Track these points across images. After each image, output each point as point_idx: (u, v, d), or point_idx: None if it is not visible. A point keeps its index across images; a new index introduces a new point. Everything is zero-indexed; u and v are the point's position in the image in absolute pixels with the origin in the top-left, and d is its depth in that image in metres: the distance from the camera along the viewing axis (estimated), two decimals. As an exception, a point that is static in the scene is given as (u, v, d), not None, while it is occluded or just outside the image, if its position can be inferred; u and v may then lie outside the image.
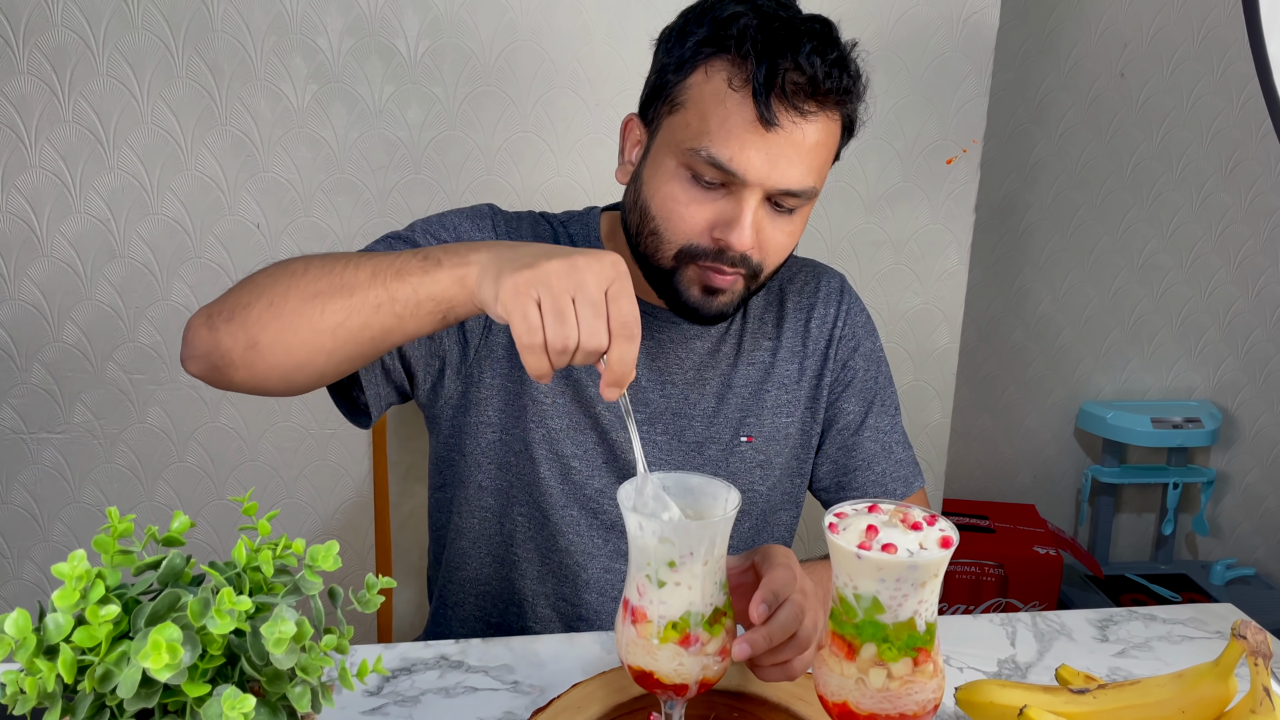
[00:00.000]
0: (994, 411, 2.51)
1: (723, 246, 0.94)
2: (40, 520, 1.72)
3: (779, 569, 0.82)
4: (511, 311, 0.75)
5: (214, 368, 0.89)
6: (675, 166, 0.94)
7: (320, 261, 0.86)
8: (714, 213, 0.94)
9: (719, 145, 0.91)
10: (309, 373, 0.87)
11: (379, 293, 0.82)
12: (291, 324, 0.84)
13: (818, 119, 0.92)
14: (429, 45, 1.60)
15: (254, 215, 1.64)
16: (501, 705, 0.90)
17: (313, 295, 0.84)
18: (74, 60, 1.53)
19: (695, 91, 0.93)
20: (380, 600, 0.70)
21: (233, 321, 0.86)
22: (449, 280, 0.80)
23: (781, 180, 0.92)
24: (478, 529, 1.12)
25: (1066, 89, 2.30)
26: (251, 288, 0.88)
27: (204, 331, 0.88)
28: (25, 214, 1.58)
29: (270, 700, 0.64)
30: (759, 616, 0.78)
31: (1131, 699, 0.84)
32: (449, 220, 1.06)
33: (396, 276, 0.82)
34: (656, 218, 0.96)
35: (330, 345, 0.85)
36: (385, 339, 0.85)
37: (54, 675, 0.59)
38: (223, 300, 0.89)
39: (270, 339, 0.85)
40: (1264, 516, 2.60)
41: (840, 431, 1.14)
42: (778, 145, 0.91)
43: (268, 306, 0.85)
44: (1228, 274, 2.45)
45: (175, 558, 0.66)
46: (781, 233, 0.97)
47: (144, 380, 1.68)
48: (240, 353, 0.86)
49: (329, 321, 0.83)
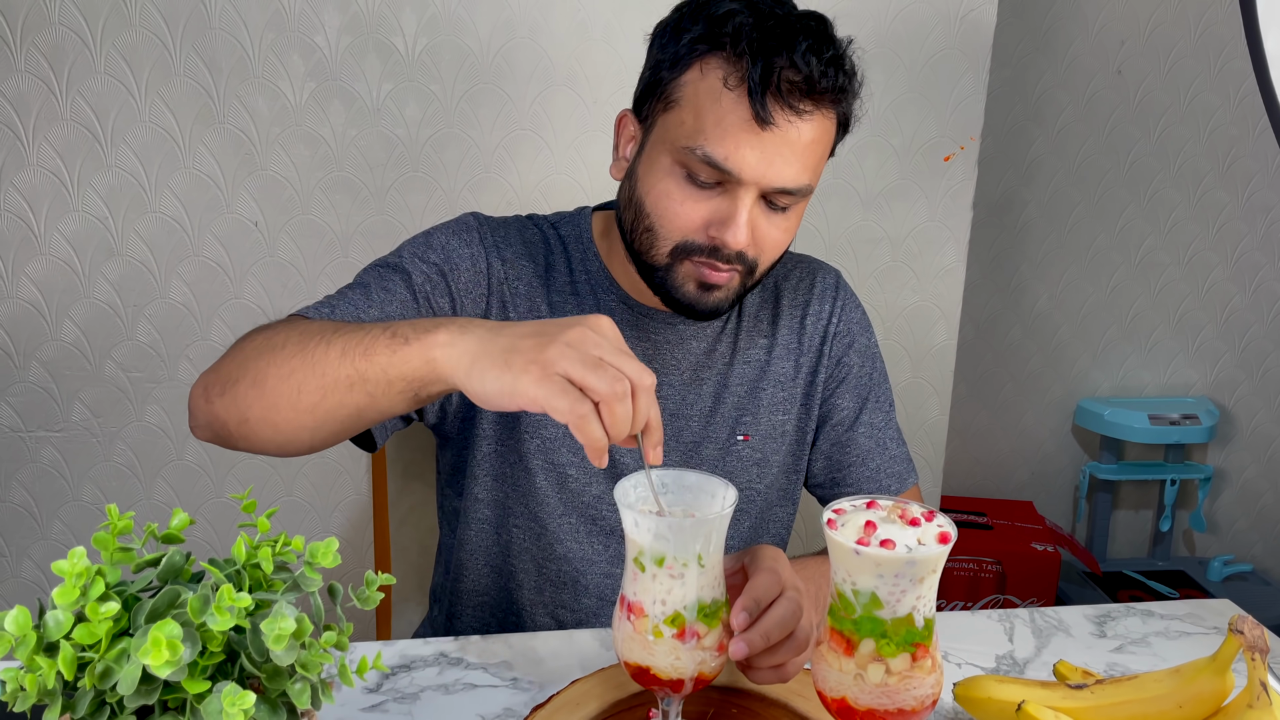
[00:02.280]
0: (991, 408, 2.51)
1: (718, 244, 0.94)
2: (39, 519, 1.72)
3: (763, 574, 0.81)
4: (546, 398, 0.71)
5: (217, 436, 0.90)
6: (670, 164, 0.94)
7: (298, 337, 0.85)
8: (709, 211, 0.94)
9: (714, 144, 0.91)
10: (300, 446, 0.88)
11: (349, 371, 0.81)
12: (273, 403, 0.84)
13: (813, 117, 0.92)
14: (427, 43, 1.60)
15: (252, 213, 1.63)
16: (501, 702, 0.90)
17: (288, 374, 0.83)
18: (71, 58, 1.53)
19: (690, 89, 0.93)
20: (380, 597, 0.70)
21: (224, 396, 0.87)
22: (418, 361, 0.78)
23: (777, 179, 0.92)
24: (475, 540, 1.12)
25: (1064, 86, 2.30)
26: (240, 360, 0.88)
27: (202, 403, 0.89)
28: (23, 212, 1.58)
29: (270, 697, 0.65)
30: (740, 625, 0.78)
31: (1129, 694, 0.84)
32: (435, 240, 1.05)
33: (364, 356, 0.80)
34: (651, 215, 0.96)
35: (311, 424, 0.84)
36: (361, 417, 0.84)
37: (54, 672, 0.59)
38: (216, 371, 0.89)
39: (258, 417, 0.86)
40: (1261, 513, 2.61)
41: (834, 427, 1.14)
42: (773, 144, 0.91)
43: (251, 385, 0.85)
44: (1225, 271, 2.45)
45: (175, 555, 0.66)
46: (777, 229, 0.97)
47: (142, 378, 1.68)
48: (235, 426, 0.87)
49: (306, 402, 0.83)
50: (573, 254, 1.09)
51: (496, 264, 1.06)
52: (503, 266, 1.06)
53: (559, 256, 1.08)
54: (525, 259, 1.07)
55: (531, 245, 1.08)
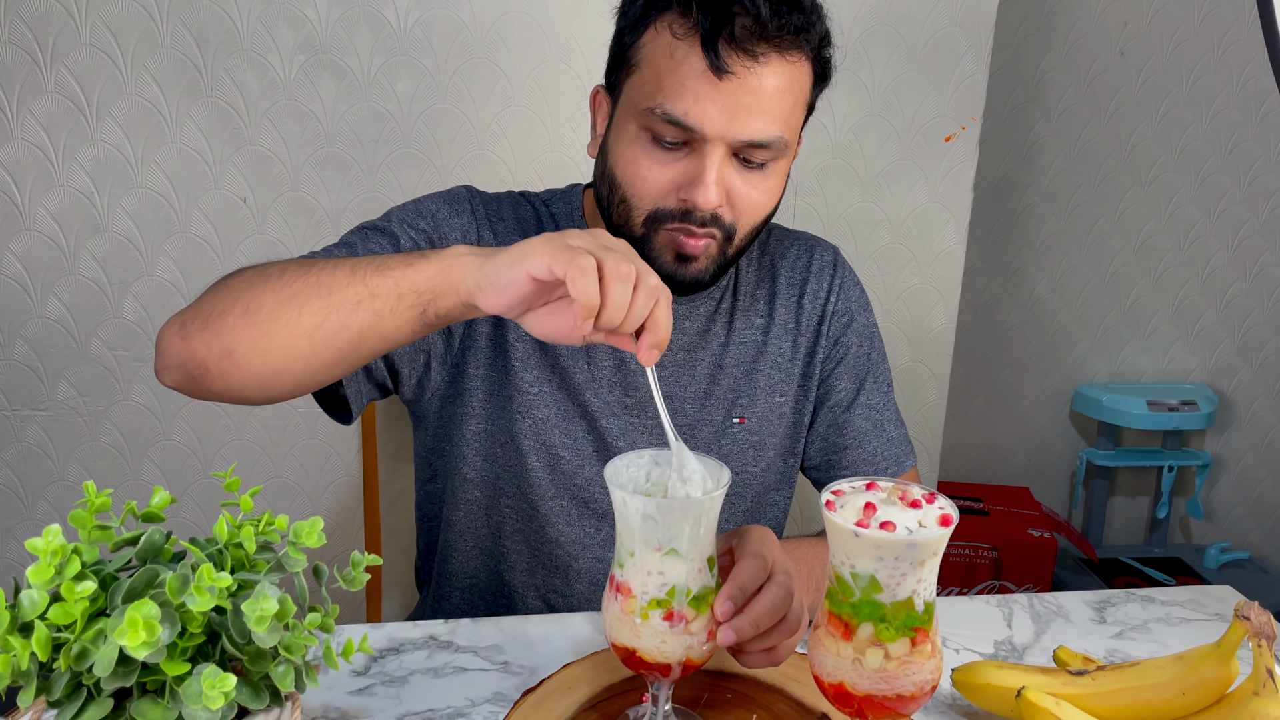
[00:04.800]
0: (989, 393, 2.50)
1: (689, 207, 0.91)
2: (24, 498, 1.70)
3: (748, 559, 0.79)
4: (557, 260, 0.73)
5: (189, 377, 0.86)
6: (636, 130, 0.92)
7: (297, 264, 0.84)
8: (678, 173, 0.91)
9: (673, 100, 0.88)
10: (286, 381, 0.84)
11: (358, 288, 0.79)
12: (268, 329, 0.81)
13: (773, 62, 0.88)
14: (419, 16, 1.57)
15: (240, 189, 1.61)
16: (491, 686, 0.89)
17: (289, 297, 0.81)
18: (56, 29, 1.50)
19: (648, 50, 0.91)
20: (366, 578, 0.69)
21: (207, 329, 0.83)
22: (433, 270, 0.78)
23: (742, 131, 0.89)
24: (464, 521, 1.10)
25: (1065, 68, 2.27)
26: (225, 293, 0.84)
27: (177, 340, 0.85)
28: (6, 186, 1.55)
29: (252, 679, 0.63)
30: (724, 614, 0.76)
31: (1131, 681, 0.83)
32: (425, 207, 1.03)
33: (376, 271, 0.80)
34: (622, 184, 0.94)
35: (307, 350, 0.81)
36: (362, 341, 0.81)
37: (28, 653, 0.57)
38: (196, 307, 0.85)
39: (246, 346, 0.82)
40: (1258, 500, 2.60)
41: (831, 409, 1.12)
42: (733, 94, 0.87)
43: (243, 313, 0.82)
44: (1225, 256, 2.44)
45: (154, 533, 0.64)
46: (755, 189, 0.93)
47: (129, 357, 1.65)
48: (216, 361, 0.83)
49: (306, 324, 0.80)
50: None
51: (489, 237, 1.04)
52: (495, 240, 1.04)
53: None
54: (517, 234, 1.05)
55: (524, 221, 1.06)
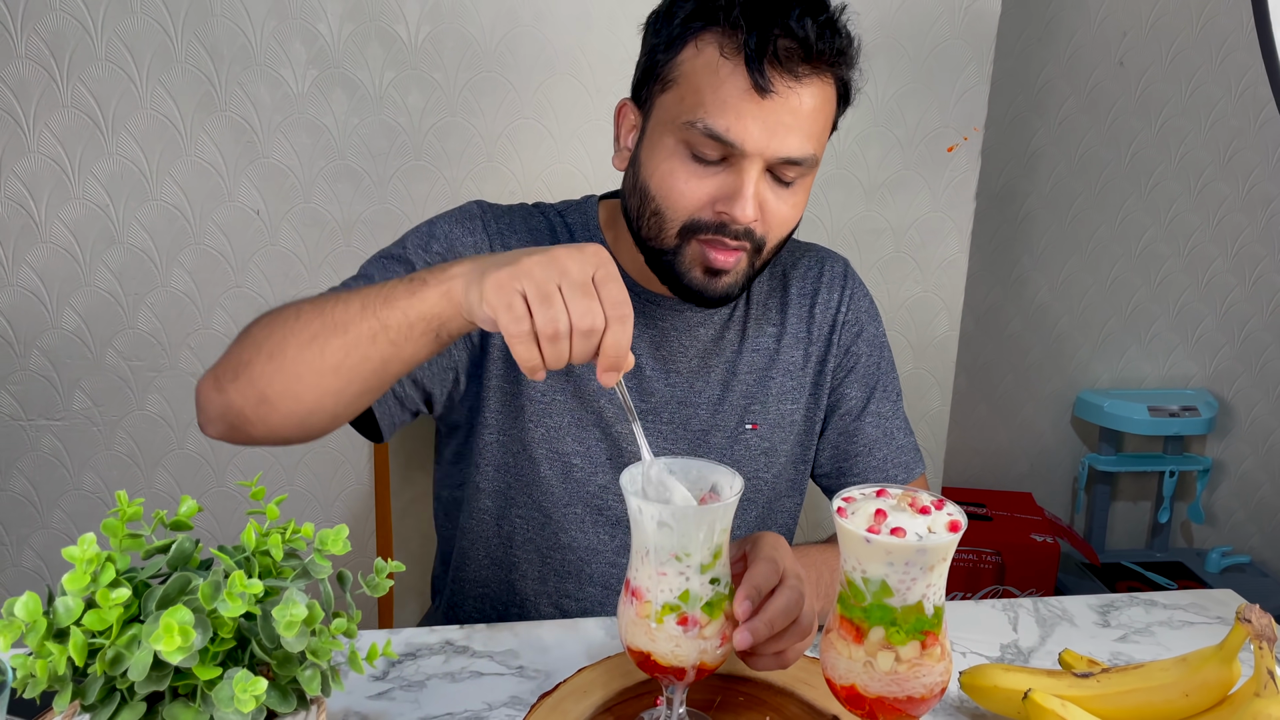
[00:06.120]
0: (991, 400, 2.51)
1: (725, 220, 0.94)
2: (39, 507, 1.71)
3: (761, 562, 0.82)
4: (496, 307, 0.75)
5: (231, 427, 0.90)
6: (674, 144, 0.94)
7: (310, 305, 0.87)
8: (715, 186, 0.93)
9: (715, 116, 0.90)
10: (321, 417, 0.88)
11: (371, 323, 0.82)
12: (295, 372, 0.85)
13: (813, 83, 0.91)
14: (429, 31, 1.59)
15: (254, 201, 1.63)
16: (507, 690, 0.90)
17: (309, 340, 0.84)
18: (72, 45, 1.52)
19: (687, 66, 0.93)
20: (389, 584, 0.71)
21: (239, 380, 0.87)
22: (435, 297, 0.80)
23: (781, 148, 0.91)
24: (476, 530, 1.12)
25: (1066, 77, 2.29)
26: (249, 343, 0.88)
27: (214, 394, 0.89)
28: (23, 200, 1.57)
29: (280, 683, 0.65)
30: (743, 614, 0.78)
31: (1135, 683, 0.84)
32: (438, 229, 1.05)
33: (385, 304, 0.82)
34: (657, 197, 0.96)
35: (336, 385, 0.85)
36: (386, 369, 0.85)
37: (65, 658, 0.59)
38: (225, 360, 0.89)
39: (278, 391, 0.86)
40: (1259, 504, 2.62)
41: (842, 417, 1.14)
42: (774, 112, 0.90)
43: (268, 359, 0.85)
44: (1225, 263, 2.45)
45: (185, 541, 0.66)
46: (785, 204, 0.96)
47: (143, 367, 1.67)
48: (253, 408, 0.87)
49: (330, 362, 0.84)
50: (579, 242, 1.08)
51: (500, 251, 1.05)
52: None
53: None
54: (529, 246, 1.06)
55: (537, 233, 1.08)
